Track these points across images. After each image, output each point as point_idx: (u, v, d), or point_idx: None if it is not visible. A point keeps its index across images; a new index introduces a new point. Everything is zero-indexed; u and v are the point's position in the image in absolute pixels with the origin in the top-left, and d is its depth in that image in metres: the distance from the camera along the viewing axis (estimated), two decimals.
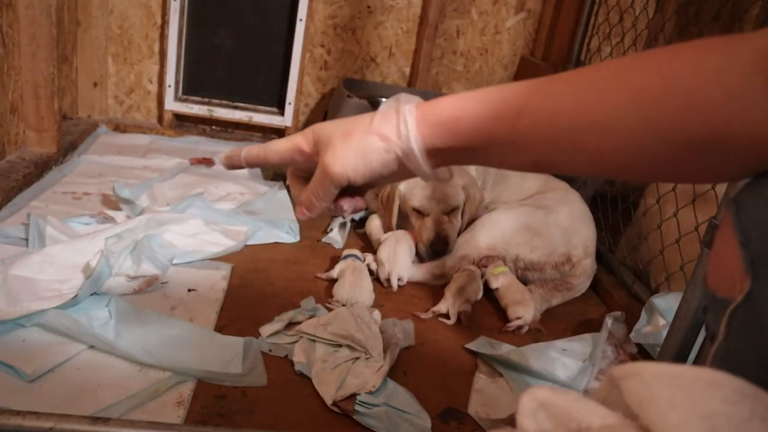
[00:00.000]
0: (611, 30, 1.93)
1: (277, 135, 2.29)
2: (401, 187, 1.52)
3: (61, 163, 1.75)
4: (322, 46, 2.24)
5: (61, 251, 1.19)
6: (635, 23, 1.77)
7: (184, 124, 2.26)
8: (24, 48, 1.56)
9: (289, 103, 2.18)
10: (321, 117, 2.21)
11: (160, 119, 2.22)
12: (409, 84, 2.31)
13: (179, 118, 2.23)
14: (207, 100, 2.21)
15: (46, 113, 1.64)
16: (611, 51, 1.96)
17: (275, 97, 2.23)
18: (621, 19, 1.86)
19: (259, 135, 2.29)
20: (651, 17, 1.89)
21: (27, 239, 1.28)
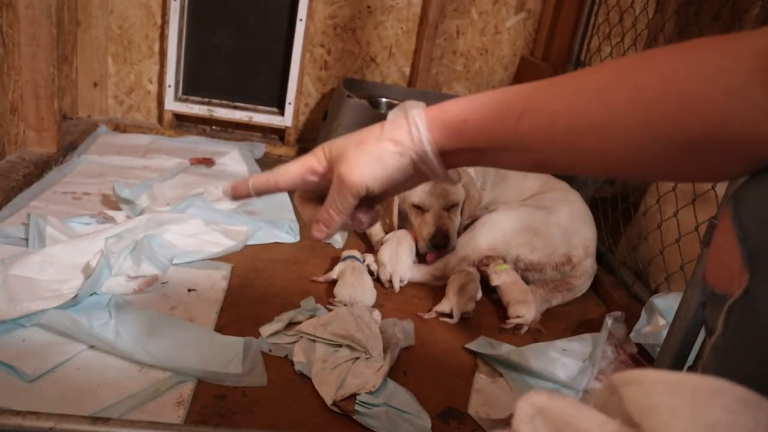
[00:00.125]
0: (611, 30, 1.93)
1: (277, 135, 2.29)
2: None
3: (61, 163, 1.75)
4: (322, 46, 2.24)
5: (61, 251, 1.19)
6: (635, 23, 1.77)
7: (184, 124, 2.26)
8: (24, 48, 1.56)
9: (289, 103, 2.18)
10: (321, 117, 2.20)
11: (160, 119, 2.22)
12: (409, 84, 2.31)
13: (179, 118, 2.23)
14: (207, 100, 2.21)
15: (46, 113, 1.64)
16: (611, 51, 1.96)
17: (275, 97, 2.22)
18: (621, 19, 1.86)
19: (259, 135, 2.29)
20: (651, 17, 1.89)
21: (27, 239, 1.28)
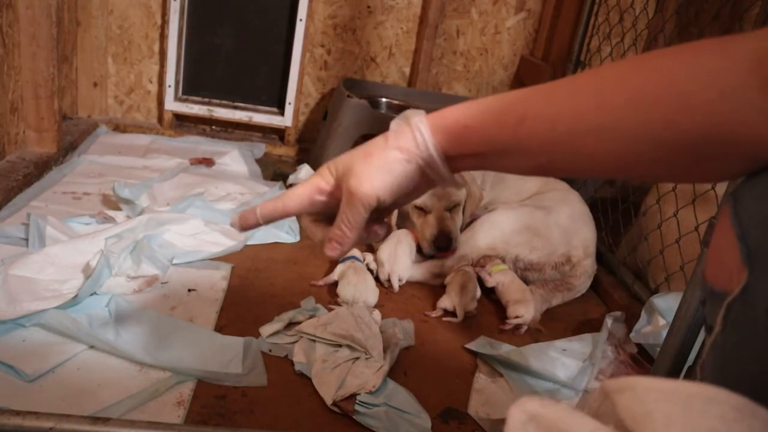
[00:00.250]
0: (611, 30, 1.93)
1: (277, 135, 2.29)
2: None
3: (61, 163, 1.75)
4: (322, 46, 2.24)
5: (61, 251, 1.19)
6: (635, 23, 1.77)
7: (184, 124, 2.26)
8: (24, 48, 1.56)
9: (289, 103, 2.18)
10: (321, 117, 2.20)
11: (160, 119, 2.22)
12: (409, 84, 2.31)
13: (179, 118, 2.23)
14: (207, 100, 2.21)
15: (46, 113, 1.64)
16: (611, 51, 1.96)
17: (275, 97, 2.23)
18: (621, 19, 1.86)
19: (259, 135, 2.29)
20: (651, 17, 1.89)
21: (27, 239, 1.28)
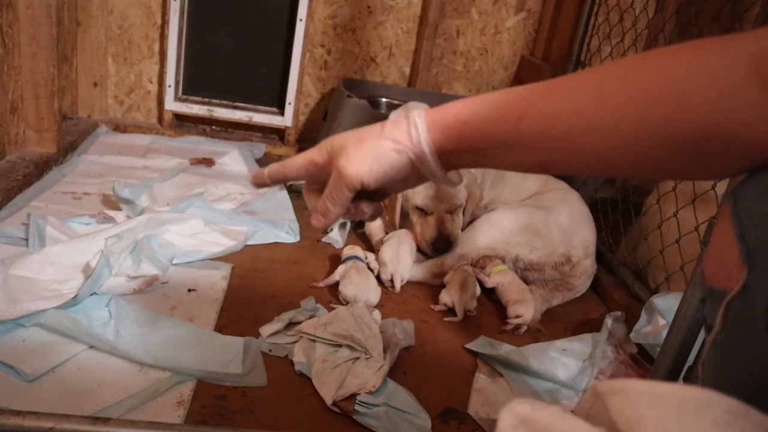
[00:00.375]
0: (611, 30, 1.93)
1: (277, 135, 2.29)
2: None
3: (61, 163, 1.74)
4: (322, 46, 2.24)
5: (61, 251, 1.19)
6: (635, 23, 1.77)
7: (184, 124, 2.26)
8: (24, 48, 1.56)
9: (289, 103, 2.18)
10: (321, 117, 2.20)
11: (160, 119, 2.22)
12: (409, 84, 2.31)
13: (179, 118, 2.23)
14: (207, 100, 2.21)
15: (46, 113, 1.64)
16: (611, 51, 1.96)
17: (275, 97, 2.22)
18: (621, 19, 1.86)
19: (259, 135, 2.29)
20: (651, 17, 1.89)
21: (27, 239, 1.28)
